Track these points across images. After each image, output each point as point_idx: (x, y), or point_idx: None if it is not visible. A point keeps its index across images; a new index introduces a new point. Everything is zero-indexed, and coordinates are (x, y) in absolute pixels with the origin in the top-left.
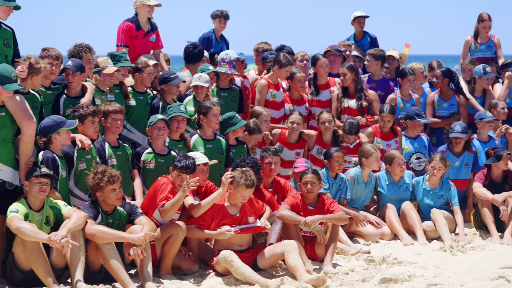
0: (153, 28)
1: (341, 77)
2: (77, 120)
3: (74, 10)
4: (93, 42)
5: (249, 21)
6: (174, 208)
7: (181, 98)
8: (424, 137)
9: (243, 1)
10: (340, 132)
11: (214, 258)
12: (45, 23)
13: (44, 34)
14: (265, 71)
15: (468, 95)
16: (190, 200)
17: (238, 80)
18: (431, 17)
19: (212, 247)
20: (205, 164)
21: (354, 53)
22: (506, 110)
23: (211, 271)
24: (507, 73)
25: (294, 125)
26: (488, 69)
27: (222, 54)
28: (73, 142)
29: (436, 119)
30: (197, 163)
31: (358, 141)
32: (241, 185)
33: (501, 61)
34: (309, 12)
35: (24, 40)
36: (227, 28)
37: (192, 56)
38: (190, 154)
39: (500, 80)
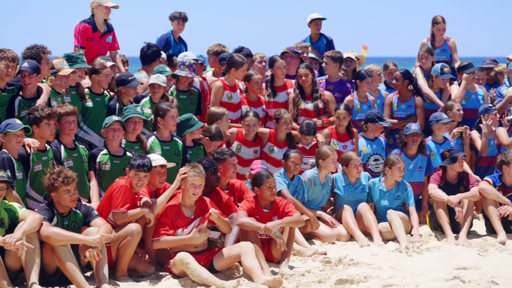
0: (109, 29)
1: (303, 78)
2: (25, 125)
3: (27, 12)
4: (46, 43)
5: (204, 23)
6: (133, 218)
7: (137, 100)
8: (382, 138)
9: (199, 3)
10: (295, 132)
11: (171, 260)
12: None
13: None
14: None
15: (428, 90)
16: (145, 200)
17: (197, 81)
18: (389, 19)
19: (168, 249)
20: (162, 166)
21: (311, 55)
22: (462, 112)
23: (167, 273)
24: (464, 75)
25: (250, 127)
26: (446, 69)
27: (181, 57)
28: None
29: (394, 121)
30: (154, 164)
31: (314, 142)
32: (190, 173)
33: (457, 64)
34: (265, 14)
35: None
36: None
37: (146, 57)
38: (148, 156)
39: (455, 82)
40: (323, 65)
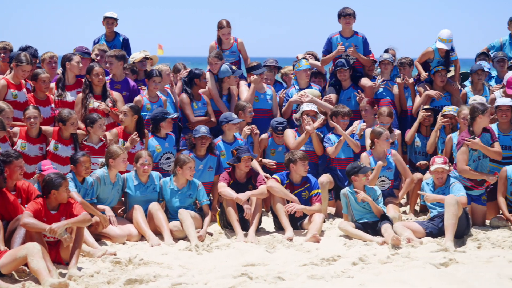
0: None
1: (100, 76)
2: None
3: None
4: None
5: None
6: None
7: None
8: (173, 136)
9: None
10: (81, 132)
11: None
12: None
13: None
14: (8, 71)
15: (219, 101)
16: None
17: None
18: (183, 19)
19: None
20: None
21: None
22: (253, 113)
23: None
24: (252, 77)
25: (31, 119)
26: (234, 67)
27: None
28: None
29: (198, 118)
30: None
31: (103, 142)
32: None
33: (246, 64)
34: (59, 11)
35: None
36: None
37: None
38: None
39: (242, 82)
40: (107, 65)
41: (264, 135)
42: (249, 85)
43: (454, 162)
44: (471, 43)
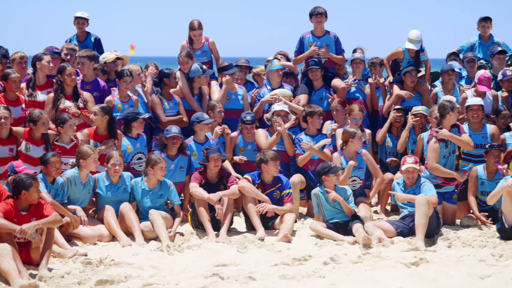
0: None
1: (73, 76)
2: None
3: None
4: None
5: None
6: None
7: None
8: (145, 136)
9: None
10: (52, 132)
11: None
12: None
13: None
14: None
15: (190, 99)
16: None
17: None
18: (155, 18)
19: None
20: None
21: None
22: (223, 113)
23: None
24: (224, 78)
25: (2, 120)
26: (205, 67)
27: None
28: None
29: (170, 118)
30: None
31: (75, 142)
32: None
33: (218, 64)
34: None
35: None
36: None
37: None
38: None
39: (213, 82)
40: (79, 65)
41: (234, 133)
42: (220, 85)
43: (425, 162)
44: (441, 43)
